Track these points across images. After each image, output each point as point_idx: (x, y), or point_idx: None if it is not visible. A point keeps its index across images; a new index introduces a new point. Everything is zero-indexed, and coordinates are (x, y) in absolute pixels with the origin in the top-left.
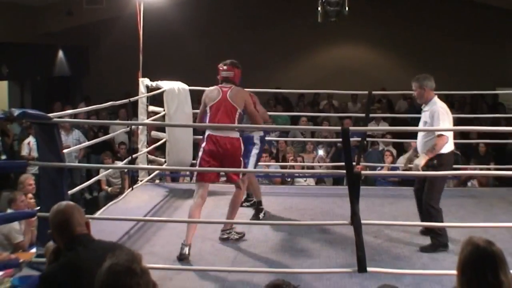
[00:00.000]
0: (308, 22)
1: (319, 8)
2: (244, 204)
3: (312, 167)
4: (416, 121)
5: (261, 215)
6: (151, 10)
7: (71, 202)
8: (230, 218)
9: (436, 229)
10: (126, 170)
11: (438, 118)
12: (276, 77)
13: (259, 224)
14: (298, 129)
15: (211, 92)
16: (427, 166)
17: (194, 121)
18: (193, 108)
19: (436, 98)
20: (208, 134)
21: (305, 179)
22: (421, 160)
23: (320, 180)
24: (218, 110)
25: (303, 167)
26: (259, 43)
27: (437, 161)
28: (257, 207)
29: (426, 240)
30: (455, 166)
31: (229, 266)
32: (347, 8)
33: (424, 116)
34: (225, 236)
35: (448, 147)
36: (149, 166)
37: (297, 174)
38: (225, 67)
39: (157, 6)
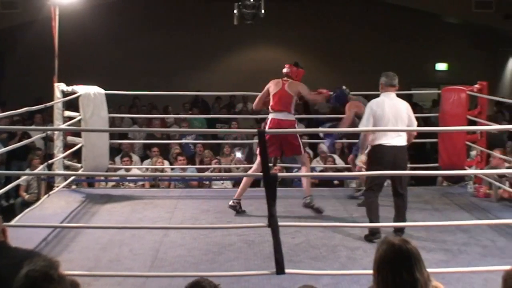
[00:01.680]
0: (225, 25)
1: (235, 11)
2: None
3: (230, 170)
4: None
5: None
6: (66, 15)
7: None
8: (306, 188)
9: (369, 220)
10: (42, 176)
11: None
12: (195, 80)
13: (181, 228)
14: (214, 132)
15: (276, 84)
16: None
17: (111, 126)
18: (109, 113)
19: (382, 94)
20: (271, 118)
21: (222, 181)
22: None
23: (237, 182)
24: (279, 98)
25: (220, 170)
26: (176, 46)
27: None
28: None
29: (344, 241)
30: None
31: (147, 271)
32: (263, 11)
33: None
34: (308, 201)
35: (373, 141)
36: (67, 172)
37: (214, 177)
38: (286, 65)
39: (72, 10)
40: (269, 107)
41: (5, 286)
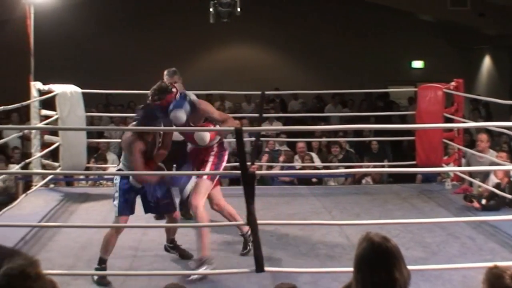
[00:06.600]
0: (201, 23)
1: (211, 9)
2: None
3: None
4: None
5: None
6: (41, 13)
7: None
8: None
9: None
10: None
11: None
12: None
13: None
14: (189, 130)
15: None
16: None
17: (88, 124)
18: (86, 111)
19: None
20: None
21: None
22: None
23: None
24: None
25: None
26: (152, 44)
27: None
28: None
29: (323, 238)
30: (350, 164)
31: (126, 270)
32: (239, 9)
33: None
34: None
35: None
36: (45, 171)
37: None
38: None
39: (48, 8)
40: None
41: None
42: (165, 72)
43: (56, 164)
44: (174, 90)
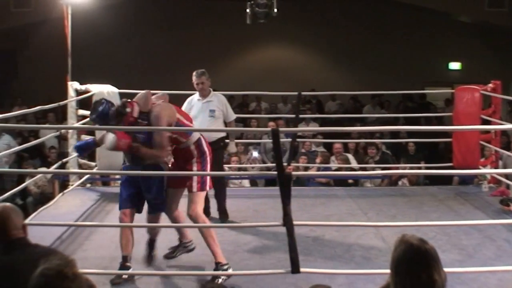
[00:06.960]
0: (237, 24)
1: (247, 10)
2: None
3: (245, 169)
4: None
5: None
6: (79, 13)
7: (8, 204)
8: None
9: None
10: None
11: None
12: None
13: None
14: (228, 130)
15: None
16: None
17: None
18: None
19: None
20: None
21: (240, 180)
22: None
23: (253, 181)
24: None
25: (239, 169)
26: (188, 45)
27: None
28: None
29: (358, 240)
30: (386, 165)
31: (162, 270)
32: (275, 10)
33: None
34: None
35: None
36: (82, 171)
37: (233, 176)
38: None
39: (85, 9)
40: None
41: (24, 283)
42: (194, 73)
43: (93, 163)
44: (128, 110)
